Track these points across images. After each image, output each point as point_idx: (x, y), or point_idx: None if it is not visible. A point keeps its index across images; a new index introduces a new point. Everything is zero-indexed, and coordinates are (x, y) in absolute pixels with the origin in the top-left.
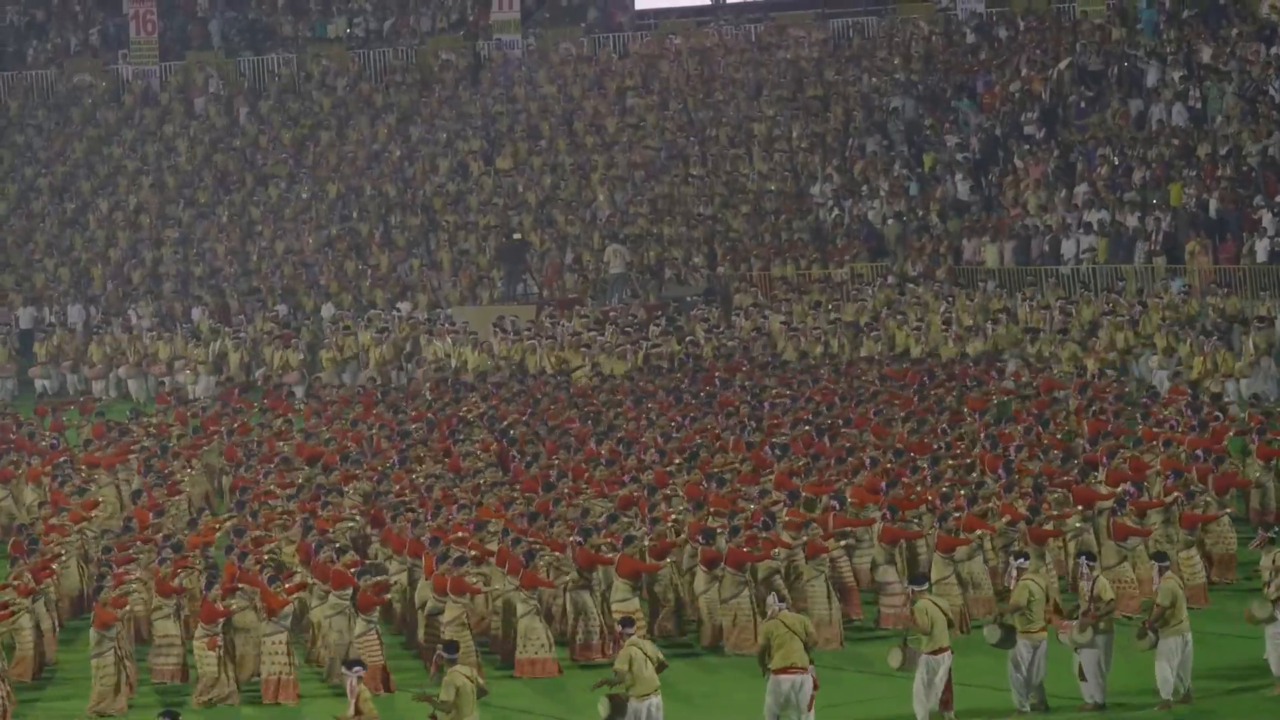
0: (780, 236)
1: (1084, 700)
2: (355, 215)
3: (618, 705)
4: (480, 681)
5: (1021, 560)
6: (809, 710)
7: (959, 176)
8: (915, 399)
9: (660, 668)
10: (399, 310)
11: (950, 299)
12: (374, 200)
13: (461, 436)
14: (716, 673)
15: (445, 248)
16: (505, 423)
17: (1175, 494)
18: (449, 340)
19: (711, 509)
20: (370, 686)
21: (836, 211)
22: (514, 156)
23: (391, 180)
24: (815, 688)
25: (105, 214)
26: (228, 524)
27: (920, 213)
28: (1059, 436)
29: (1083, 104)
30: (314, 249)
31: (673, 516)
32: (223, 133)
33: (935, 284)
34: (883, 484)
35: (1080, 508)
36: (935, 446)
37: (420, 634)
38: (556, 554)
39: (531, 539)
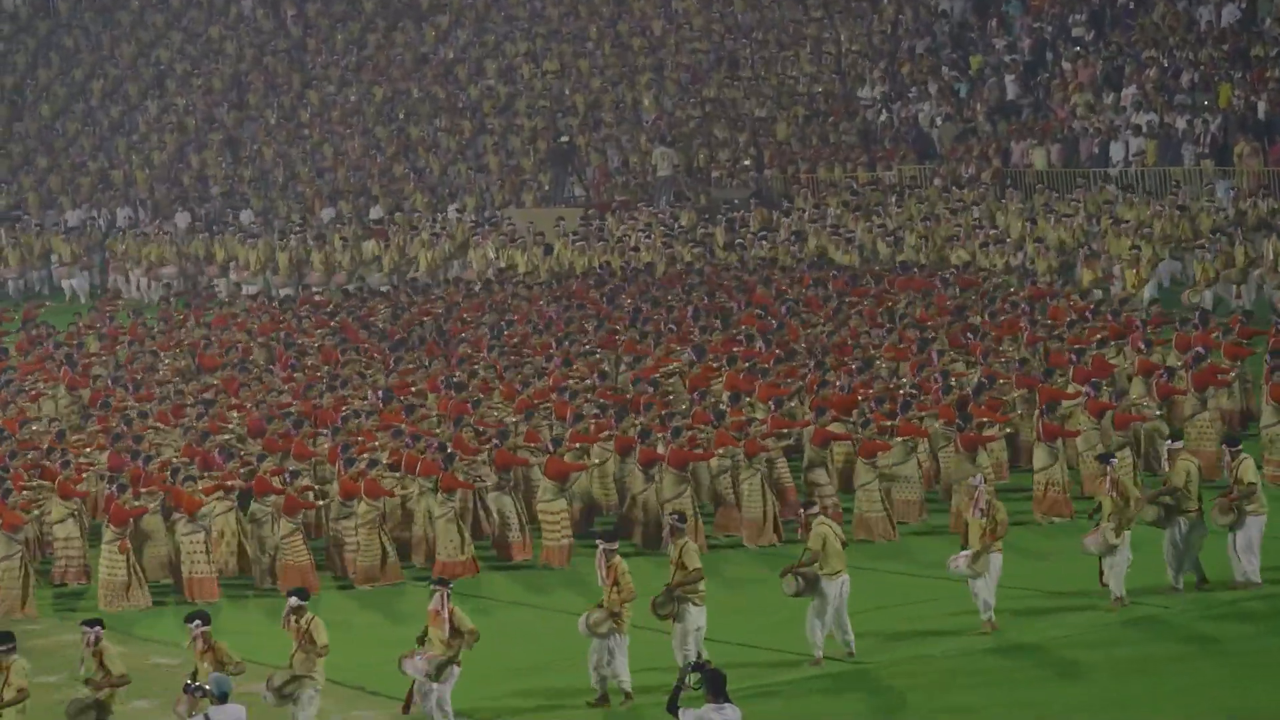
0: (828, 139)
1: (1235, 578)
2: (403, 118)
3: (809, 581)
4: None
5: (1175, 442)
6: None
7: (1008, 79)
8: (833, 306)
9: (844, 545)
10: (459, 213)
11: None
12: (421, 103)
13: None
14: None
15: (493, 151)
16: (399, 332)
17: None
18: (492, 244)
19: (662, 410)
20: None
21: (885, 114)
22: (561, 59)
23: (439, 83)
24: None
25: (154, 117)
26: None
27: (968, 115)
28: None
29: (1131, 5)
30: (361, 152)
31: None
32: (270, 35)
33: (981, 186)
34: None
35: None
36: (857, 350)
37: (327, 538)
38: (470, 457)
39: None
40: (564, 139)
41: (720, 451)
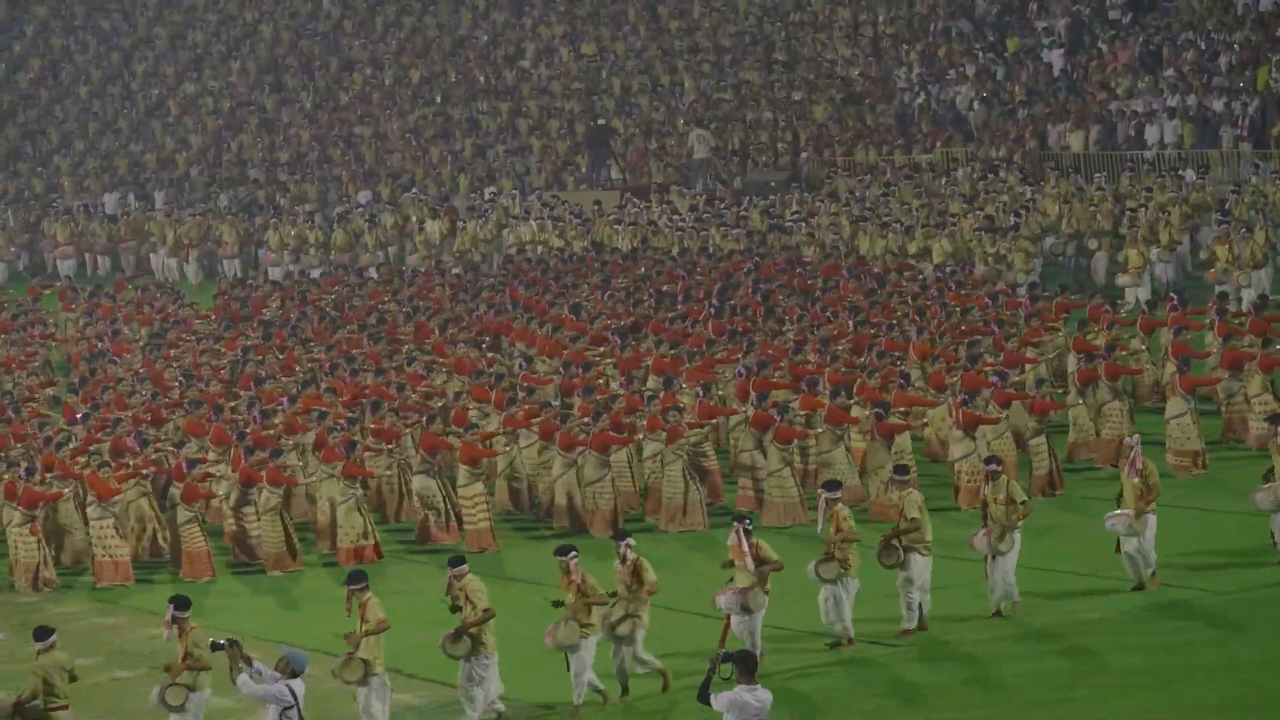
0: (864, 121)
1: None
2: (439, 101)
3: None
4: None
5: None
6: None
7: (1045, 61)
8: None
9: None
10: (509, 196)
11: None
12: (458, 86)
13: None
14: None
15: (530, 133)
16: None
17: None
18: (534, 224)
19: (599, 395)
20: (198, 572)
21: (921, 96)
22: (598, 41)
23: (476, 66)
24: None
25: (190, 99)
26: None
27: (1005, 98)
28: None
29: None
30: (397, 135)
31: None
32: (307, 18)
33: (1019, 169)
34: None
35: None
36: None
37: (230, 525)
38: (385, 443)
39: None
40: (600, 121)
41: (641, 437)
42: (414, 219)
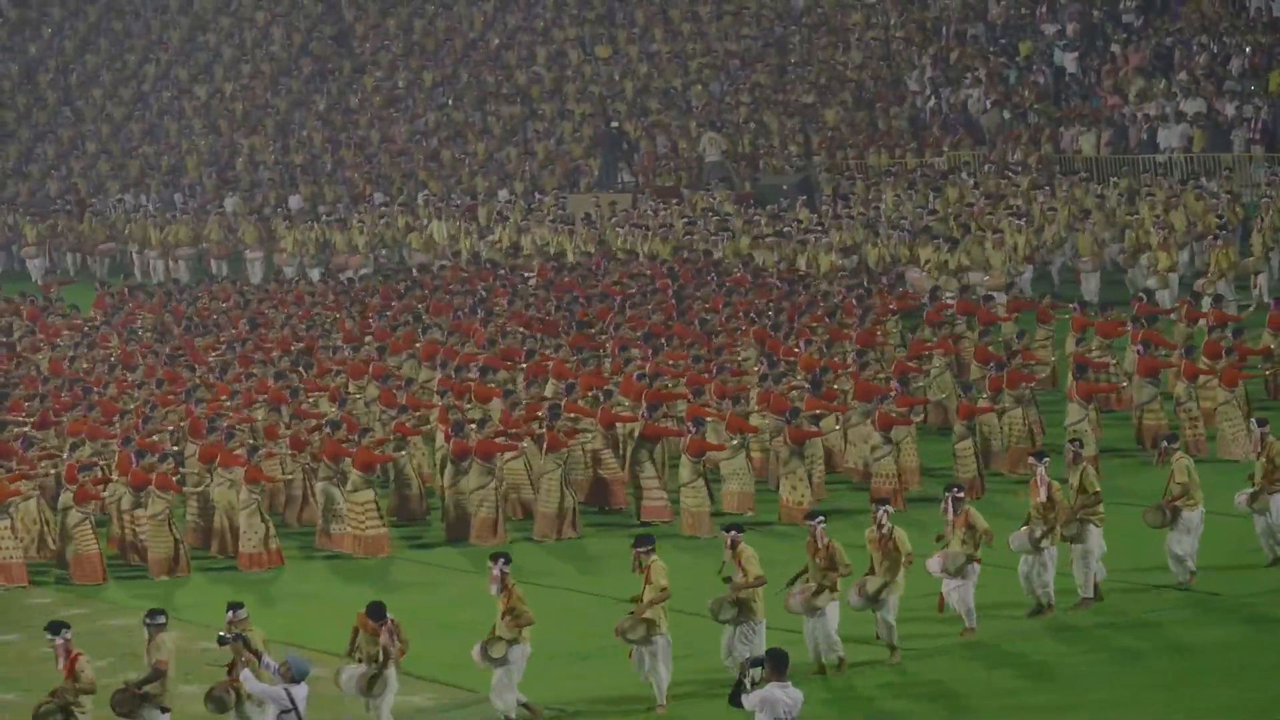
0: (876, 125)
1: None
2: (451, 103)
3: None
4: None
5: None
6: None
7: (1057, 64)
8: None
9: None
10: (515, 198)
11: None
12: (470, 88)
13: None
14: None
15: (542, 136)
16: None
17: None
18: (548, 227)
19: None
20: (88, 575)
21: (933, 100)
22: (611, 44)
23: (488, 68)
24: None
25: (202, 101)
26: None
27: (1016, 101)
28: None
29: None
30: (409, 137)
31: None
32: (319, 20)
33: (1034, 173)
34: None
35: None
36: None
37: (118, 529)
38: (293, 450)
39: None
40: (613, 124)
41: (524, 445)
42: (424, 220)
